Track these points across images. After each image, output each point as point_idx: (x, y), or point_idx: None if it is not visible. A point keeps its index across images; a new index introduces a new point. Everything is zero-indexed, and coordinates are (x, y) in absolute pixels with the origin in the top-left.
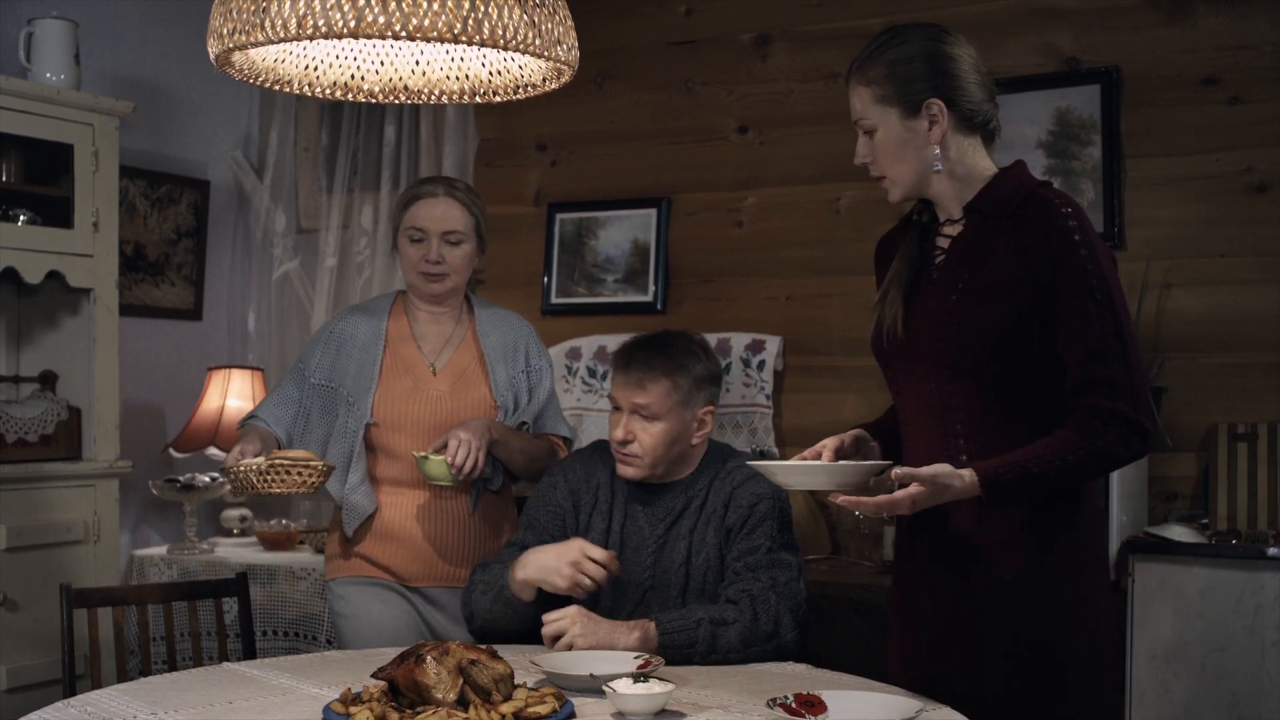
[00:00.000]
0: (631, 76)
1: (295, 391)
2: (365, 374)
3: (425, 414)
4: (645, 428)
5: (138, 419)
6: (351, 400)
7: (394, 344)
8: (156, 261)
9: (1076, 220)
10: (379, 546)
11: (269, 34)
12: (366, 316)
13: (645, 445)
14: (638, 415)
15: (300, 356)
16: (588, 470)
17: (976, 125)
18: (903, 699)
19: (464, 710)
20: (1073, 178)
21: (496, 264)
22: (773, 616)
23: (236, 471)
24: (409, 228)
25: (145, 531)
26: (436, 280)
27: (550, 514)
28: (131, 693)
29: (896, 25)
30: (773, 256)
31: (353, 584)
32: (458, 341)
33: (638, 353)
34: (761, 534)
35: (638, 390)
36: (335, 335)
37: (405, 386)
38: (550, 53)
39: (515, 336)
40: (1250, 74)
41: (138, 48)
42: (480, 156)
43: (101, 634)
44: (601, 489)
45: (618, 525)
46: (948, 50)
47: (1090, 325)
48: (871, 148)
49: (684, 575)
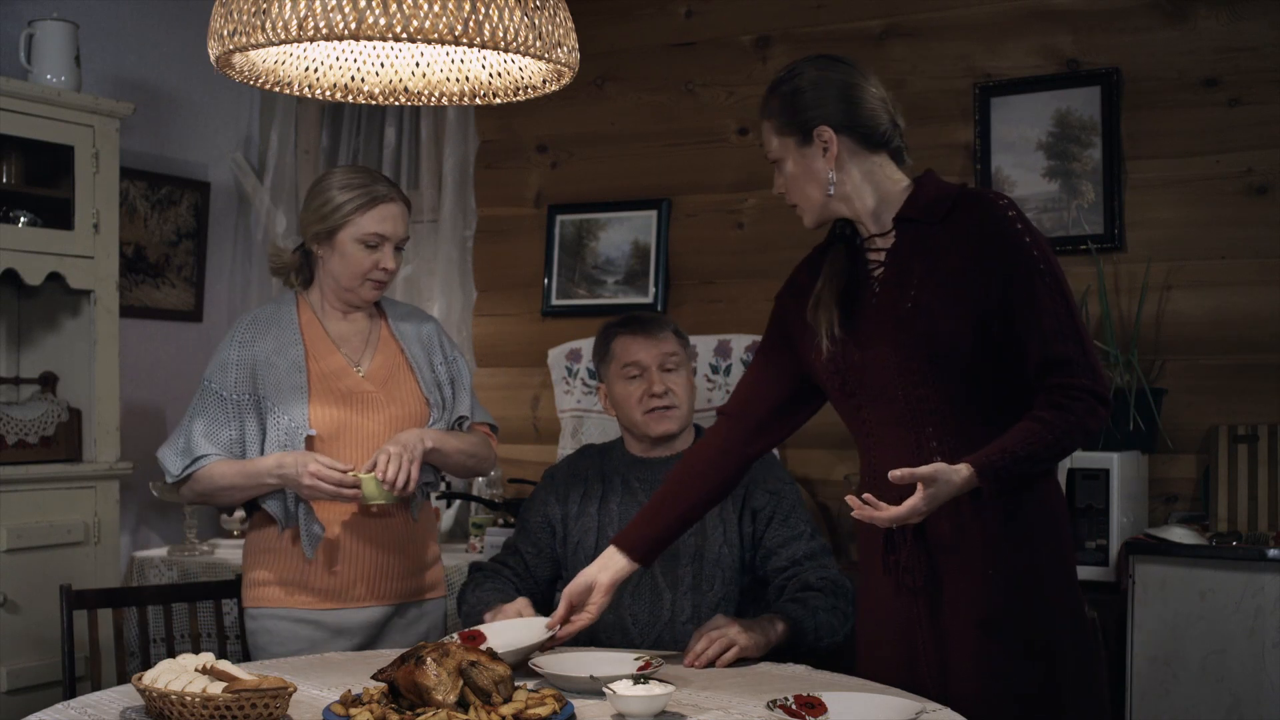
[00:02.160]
0: (632, 78)
1: (217, 419)
2: (293, 385)
3: (364, 419)
4: (675, 379)
5: (138, 421)
6: (283, 414)
7: (312, 349)
8: (157, 263)
9: (1014, 210)
10: (321, 569)
11: (269, 35)
12: (274, 324)
13: (681, 394)
14: (665, 369)
15: (206, 379)
16: (574, 466)
17: (879, 145)
18: (903, 700)
19: (464, 712)
20: (1073, 179)
21: (496, 266)
22: (848, 599)
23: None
24: (369, 233)
25: (145, 533)
26: (381, 288)
27: (538, 516)
28: (131, 695)
29: (795, 60)
30: (773, 258)
31: (285, 621)
32: (376, 341)
33: (639, 316)
34: (798, 520)
35: (661, 342)
36: (247, 349)
37: (338, 393)
38: (551, 55)
39: (427, 329)
40: (1250, 76)
41: (138, 49)
42: (480, 158)
43: (101, 636)
44: (592, 478)
45: (614, 505)
46: (837, 78)
47: (1043, 307)
48: (784, 179)
49: (691, 546)
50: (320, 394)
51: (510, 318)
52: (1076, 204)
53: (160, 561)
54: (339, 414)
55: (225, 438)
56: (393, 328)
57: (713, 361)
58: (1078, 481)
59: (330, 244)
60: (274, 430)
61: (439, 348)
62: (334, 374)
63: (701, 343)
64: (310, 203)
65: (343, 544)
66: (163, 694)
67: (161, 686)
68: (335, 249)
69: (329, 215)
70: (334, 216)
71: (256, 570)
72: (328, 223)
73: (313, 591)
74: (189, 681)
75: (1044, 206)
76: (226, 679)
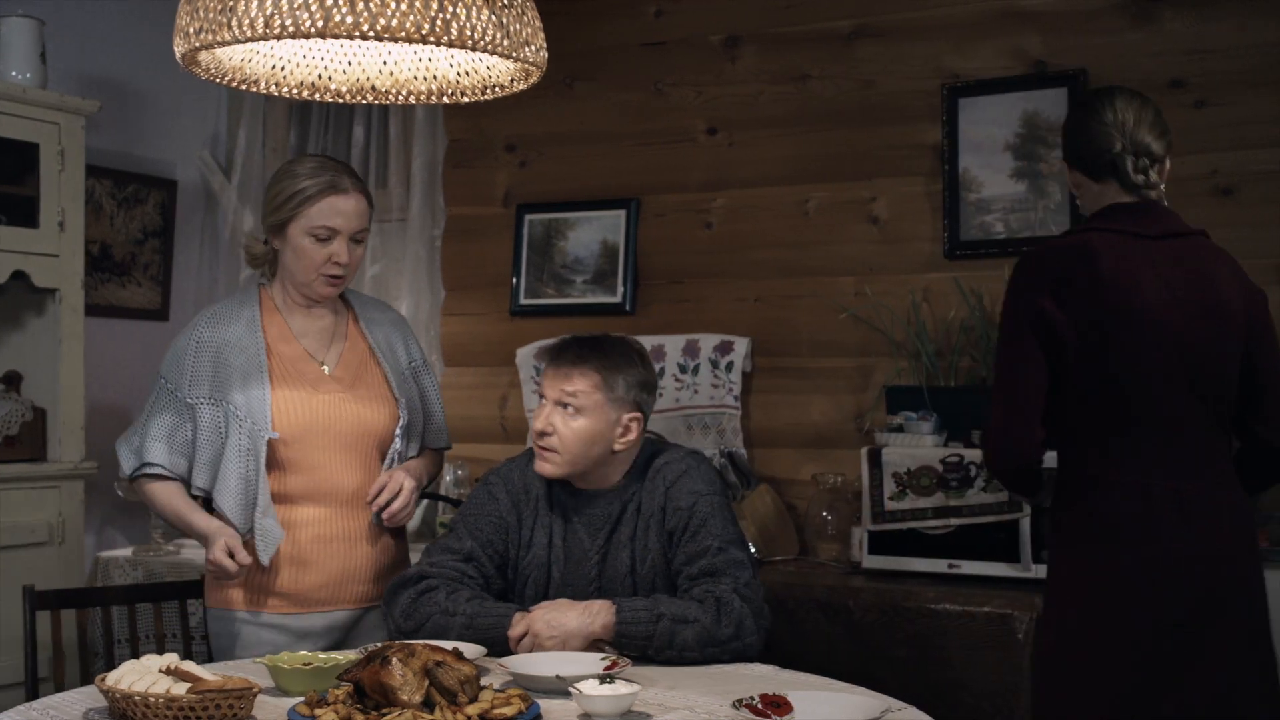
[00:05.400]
0: (601, 78)
1: (173, 419)
2: (254, 384)
3: (329, 419)
4: (567, 421)
5: (104, 420)
6: (243, 415)
7: (275, 346)
8: (123, 262)
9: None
10: (286, 573)
11: (236, 33)
12: (234, 320)
13: (564, 439)
14: (561, 407)
15: (162, 377)
16: (525, 481)
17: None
18: (868, 699)
19: (429, 712)
20: (1040, 180)
21: (465, 265)
22: (735, 620)
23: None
24: (317, 225)
25: (110, 533)
26: (337, 283)
27: (493, 525)
28: (95, 696)
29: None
30: (741, 258)
31: (250, 625)
32: (342, 335)
33: (572, 345)
34: (706, 534)
35: (565, 379)
36: (205, 347)
37: (301, 391)
38: (518, 54)
39: (396, 325)
40: (1216, 77)
41: (105, 46)
42: (449, 157)
43: (65, 636)
44: (541, 501)
45: (559, 539)
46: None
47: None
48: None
49: (631, 584)
50: (283, 393)
51: (478, 317)
52: (1044, 204)
53: (125, 561)
54: (303, 414)
55: (181, 439)
56: (361, 323)
57: (681, 361)
58: None
59: (283, 236)
60: (235, 434)
61: (403, 346)
62: (296, 370)
63: (669, 342)
64: (267, 192)
65: (307, 548)
66: (126, 695)
67: (125, 687)
68: (287, 241)
69: (280, 207)
70: (285, 208)
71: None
72: (279, 215)
73: (277, 595)
74: (153, 682)
75: (1011, 207)
76: (191, 680)
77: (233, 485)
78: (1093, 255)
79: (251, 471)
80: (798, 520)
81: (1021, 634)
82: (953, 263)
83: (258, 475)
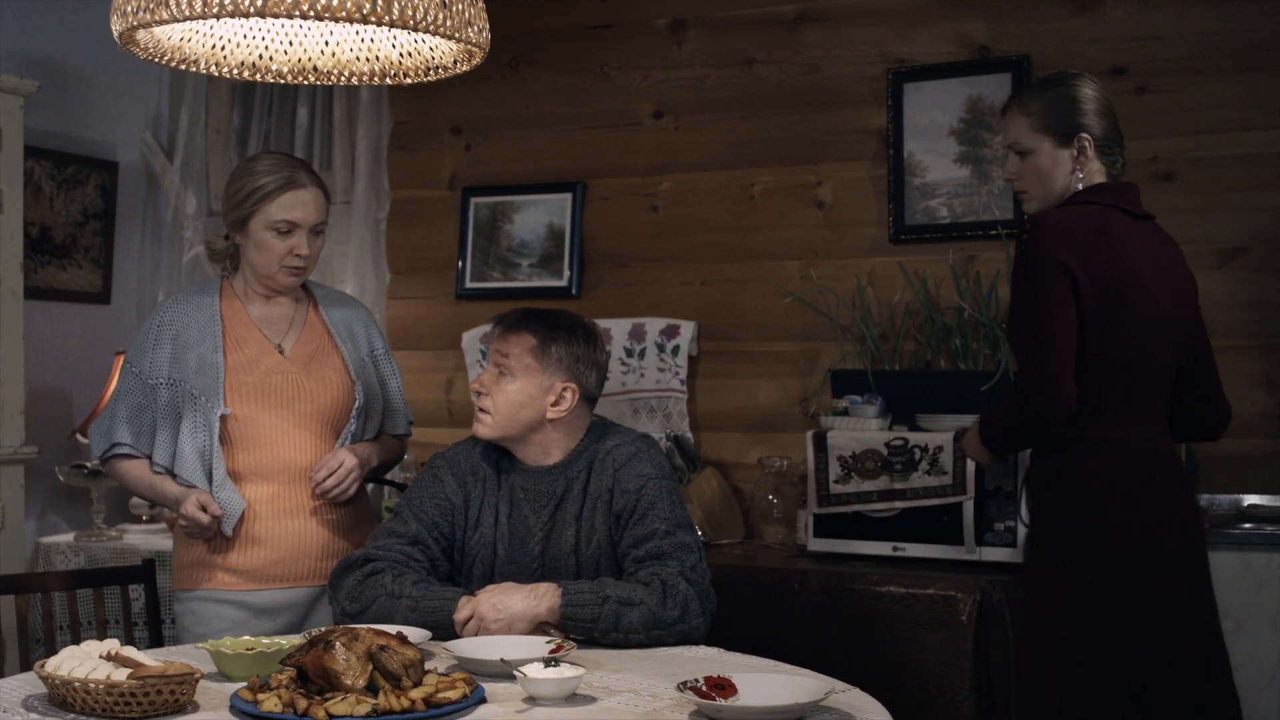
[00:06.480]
0: (547, 61)
1: (139, 400)
2: (209, 364)
3: (282, 396)
4: (500, 384)
5: (44, 404)
6: (198, 394)
7: (232, 329)
8: (63, 244)
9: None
10: (242, 549)
11: (173, 12)
12: (194, 306)
13: (496, 401)
14: (497, 371)
15: (128, 360)
16: (472, 463)
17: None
18: (812, 681)
19: (373, 696)
20: (984, 165)
21: (410, 248)
22: (680, 603)
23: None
24: (278, 220)
25: (52, 519)
26: (299, 274)
27: (439, 508)
28: (34, 682)
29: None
30: (687, 242)
31: (208, 602)
32: (301, 321)
33: (519, 312)
34: (654, 517)
35: (503, 341)
36: (166, 330)
37: (256, 373)
38: (461, 34)
39: (358, 315)
40: (1157, 64)
41: (44, 26)
42: (394, 140)
43: (5, 623)
44: (488, 480)
45: (504, 516)
46: (1103, 97)
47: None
48: (1021, 167)
49: (574, 562)
50: (236, 373)
51: (424, 300)
52: (987, 190)
53: (67, 547)
54: (255, 393)
55: (147, 419)
56: (321, 310)
57: (627, 345)
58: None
59: (244, 231)
60: (190, 411)
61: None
62: (251, 353)
63: (616, 326)
64: (226, 190)
65: (265, 523)
66: (65, 681)
67: (65, 674)
68: (249, 236)
69: (241, 204)
70: (246, 204)
71: (180, 552)
72: (240, 211)
73: (234, 572)
74: (93, 669)
75: (955, 192)
76: (132, 665)
77: (190, 461)
78: (1106, 226)
79: (206, 447)
80: (744, 503)
81: (965, 616)
82: (897, 247)
83: (212, 450)
